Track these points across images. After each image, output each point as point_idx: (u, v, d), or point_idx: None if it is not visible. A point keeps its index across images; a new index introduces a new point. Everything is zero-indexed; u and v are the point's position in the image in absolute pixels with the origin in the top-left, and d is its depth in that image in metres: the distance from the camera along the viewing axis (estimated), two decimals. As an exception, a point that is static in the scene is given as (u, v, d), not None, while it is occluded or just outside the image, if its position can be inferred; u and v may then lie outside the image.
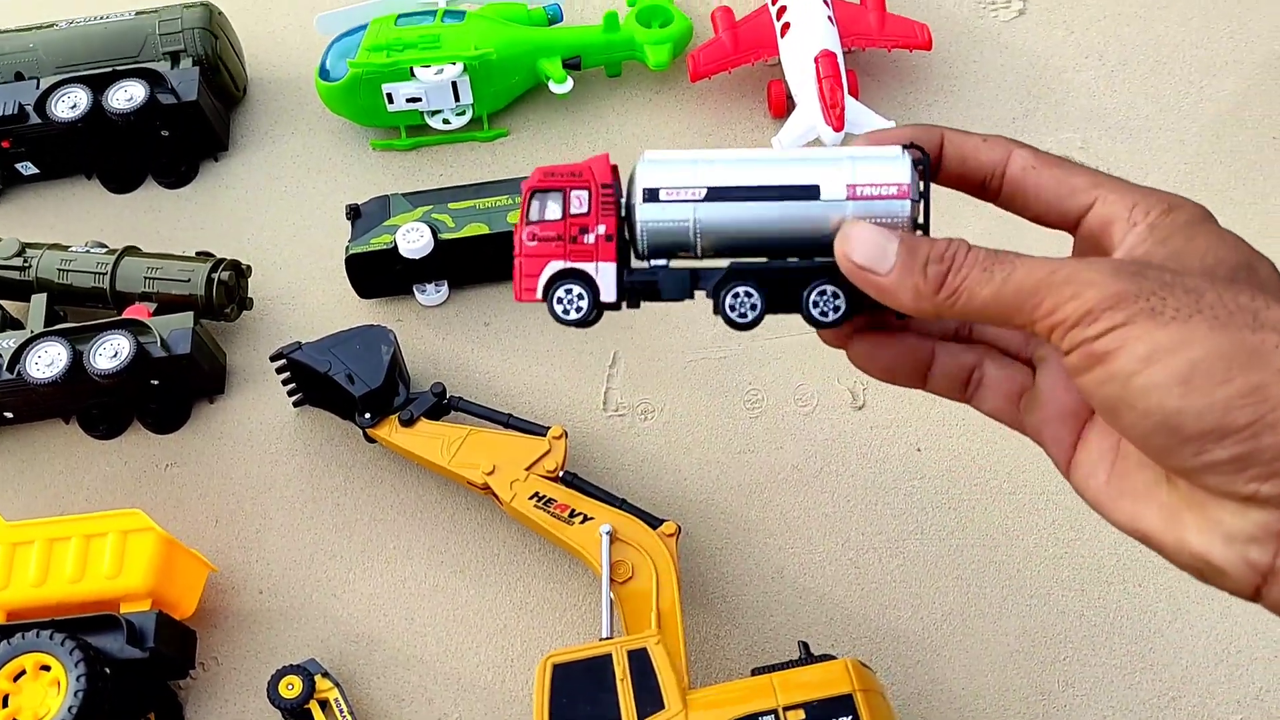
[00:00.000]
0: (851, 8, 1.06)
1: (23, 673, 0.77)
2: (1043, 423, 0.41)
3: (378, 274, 0.98)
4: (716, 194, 0.41)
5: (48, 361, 0.90)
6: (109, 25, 1.07)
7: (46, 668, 0.77)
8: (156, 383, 0.93)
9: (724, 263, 0.43)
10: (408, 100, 1.05)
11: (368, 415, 0.90)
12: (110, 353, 0.90)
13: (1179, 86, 1.08)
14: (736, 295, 0.43)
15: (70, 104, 1.02)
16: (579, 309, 0.43)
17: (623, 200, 0.43)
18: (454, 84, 1.04)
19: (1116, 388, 0.34)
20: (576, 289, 0.43)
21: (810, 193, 0.41)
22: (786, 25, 1.03)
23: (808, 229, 0.41)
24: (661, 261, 0.43)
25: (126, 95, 1.02)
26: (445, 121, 1.08)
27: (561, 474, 0.87)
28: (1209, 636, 0.84)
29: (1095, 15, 1.12)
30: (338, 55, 1.05)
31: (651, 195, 0.42)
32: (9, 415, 0.96)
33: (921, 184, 0.41)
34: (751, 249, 0.43)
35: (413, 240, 0.95)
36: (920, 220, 0.41)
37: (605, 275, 0.43)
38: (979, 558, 0.88)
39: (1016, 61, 1.10)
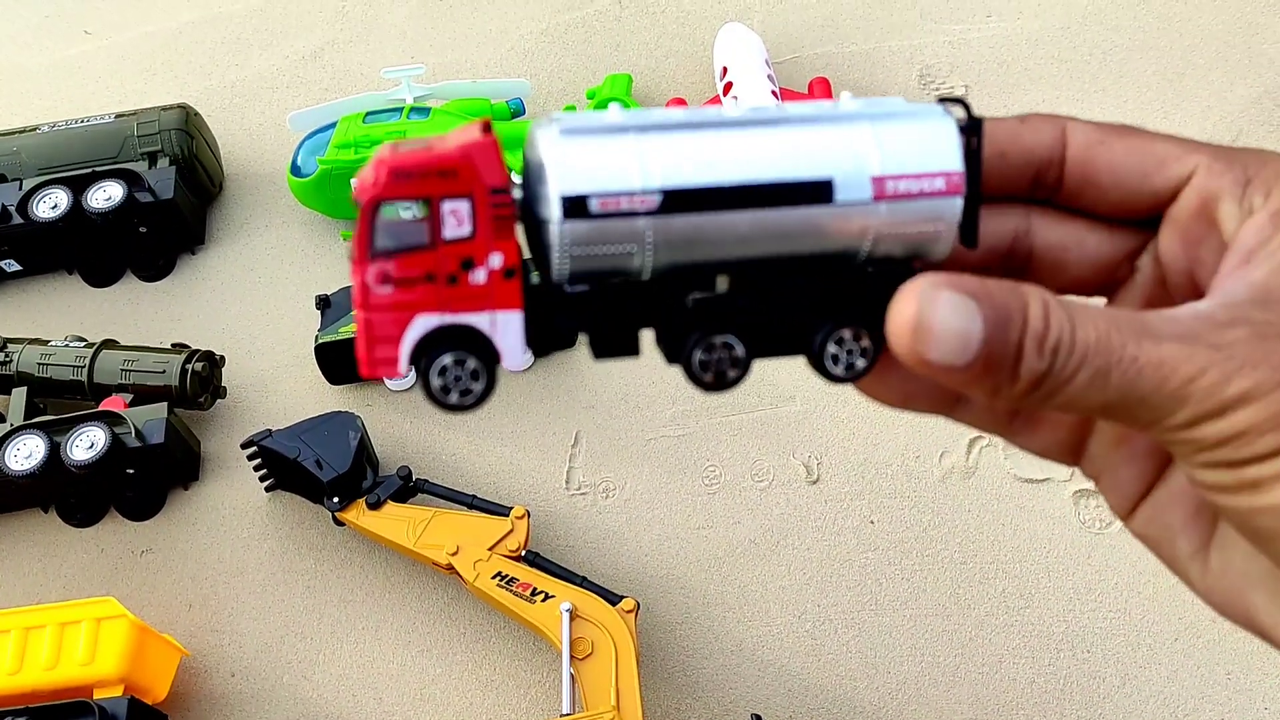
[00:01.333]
0: (799, 97, 1.11)
1: (-4, 761, 0.80)
2: (1114, 461, 0.33)
3: (347, 361, 1.02)
4: (678, 202, 0.27)
5: (26, 454, 0.93)
6: (89, 128, 1.11)
7: (19, 755, 0.79)
8: (132, 471, 0.96)
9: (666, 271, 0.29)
10: (376, 194, 1.09)
11: (336, 499, 0.93)
12: (87, 444, 0.93)
13: (1117, 166, 1.12)
14: (711, 349, 0.30)
15: (51, 204, 1.06)
16: (468, 390, 0.29)
17: (520, 200, 0.29)
18: (421, 177, 1.08)
19: (1273, 521, 0.27)
20: (467, 360, 0.28)
21: (820, 193, 0.28)
22: (738, 116, 1.08)
23: (812, 244, 0.29)
24: (582, 287, 0.29)
25: (105, 195, 1.06)
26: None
27: (524, 553, 0.90)
28: (1156, 701, 0.86)
29: (1035, 100, 1.17)
30: (308, 152, 1.10)
31: (576, 207, 0.27)
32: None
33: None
34: (723, 271, 0.30)
35: (380, 329, 0.99)
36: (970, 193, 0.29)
37: (508, 331, 0.28)
38: (931, 627, 0.90)
39: (961, 144, 1.14)
